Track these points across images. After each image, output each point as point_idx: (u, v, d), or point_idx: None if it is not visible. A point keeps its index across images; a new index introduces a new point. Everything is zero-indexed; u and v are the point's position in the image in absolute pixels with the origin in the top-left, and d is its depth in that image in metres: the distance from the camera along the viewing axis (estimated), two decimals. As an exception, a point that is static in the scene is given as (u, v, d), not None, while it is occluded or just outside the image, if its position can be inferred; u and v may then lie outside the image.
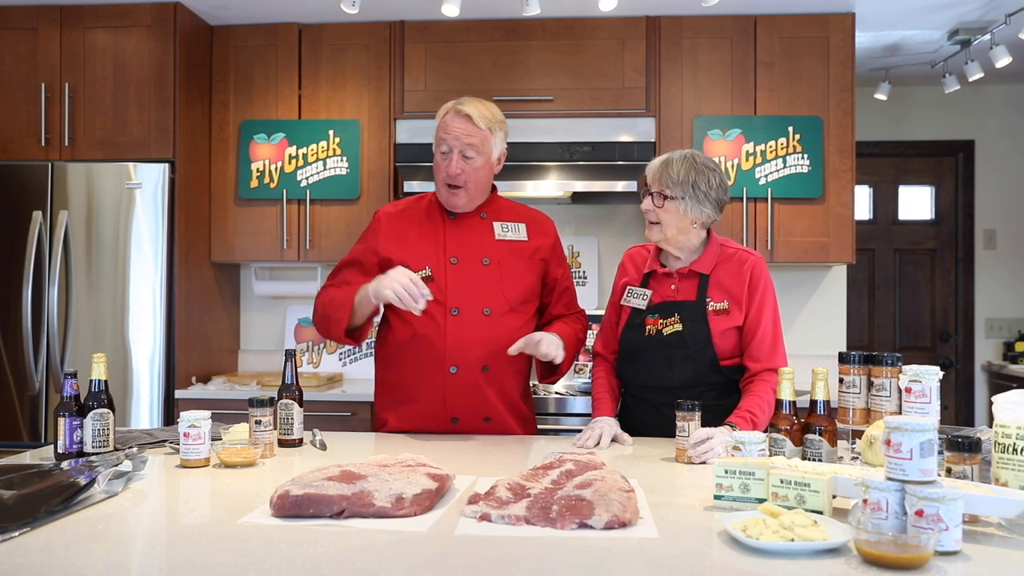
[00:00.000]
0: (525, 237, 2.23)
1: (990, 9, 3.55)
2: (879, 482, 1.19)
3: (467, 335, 2.11)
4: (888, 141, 4.89)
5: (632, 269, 2.26)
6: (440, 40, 3.65)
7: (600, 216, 3.99)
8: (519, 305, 2.17)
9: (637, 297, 2.19)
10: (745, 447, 1.59)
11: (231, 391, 3.42)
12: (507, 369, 2.15)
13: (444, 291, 2.13)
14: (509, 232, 2.22)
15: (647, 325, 2.13)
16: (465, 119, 2.12)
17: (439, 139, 2.14)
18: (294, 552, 1.16)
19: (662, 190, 2.10)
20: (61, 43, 3.47)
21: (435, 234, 2.19)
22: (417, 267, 2.13)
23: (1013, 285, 4.82)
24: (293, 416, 1.98)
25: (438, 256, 2.16)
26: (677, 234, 2.12)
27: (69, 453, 1.76)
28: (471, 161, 2.13)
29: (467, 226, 2.21)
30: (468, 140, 2.11)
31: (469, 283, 2.14)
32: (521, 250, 2.21)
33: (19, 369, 3.35)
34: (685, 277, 2.15)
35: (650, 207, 2.11)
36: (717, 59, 3.58)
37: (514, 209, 2.30)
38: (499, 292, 2.15)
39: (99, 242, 3.38)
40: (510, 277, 2.17)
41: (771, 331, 2.09)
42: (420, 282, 1.97)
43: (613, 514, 1.28)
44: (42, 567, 1.11)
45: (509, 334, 2.11)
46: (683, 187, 2.08)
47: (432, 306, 2.07)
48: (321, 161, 3.65)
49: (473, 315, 2.12)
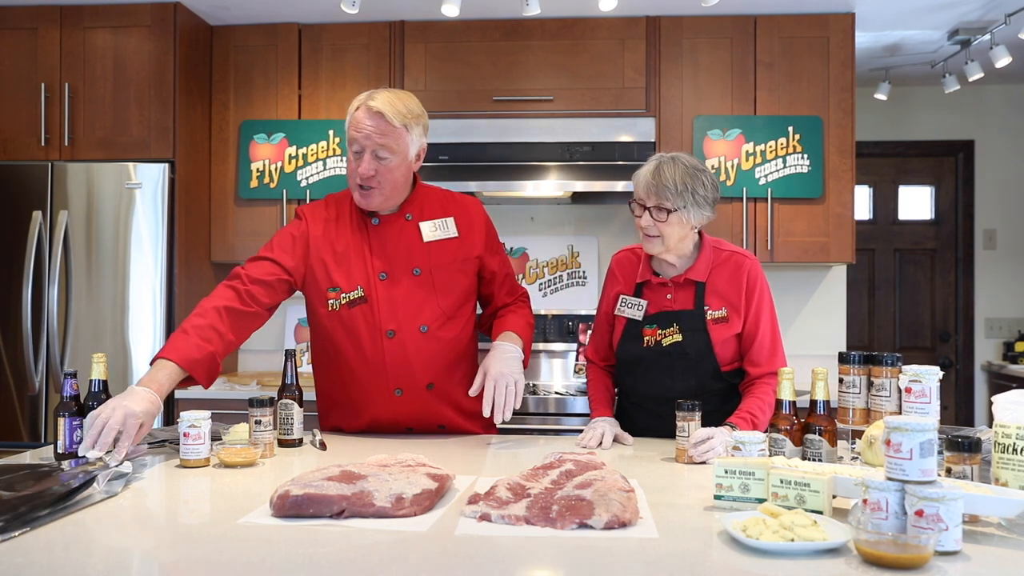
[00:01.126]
0: (455, 232, 2.09)
1: (990, 9, 3.55)
2: (879, 482, 1.19)
3: (407, 357, 2.03)
4: (888, 141, 4.89)
5: (622, 277, 2.19)
6: (440, 40, 3.65)
7: (600, 216, 3.99)
8: (455, 312, 2.08)
9: (632, 307, 2.12)
10: (745, 447, 1.59)
11: (231, 391, 3.42)
12: (452, 380, 2.09)
13: (377, 312, 2.02)
14: (438, 231, 2.08)
15: (645, 336, 2.09)
16: (377, 116, 1.94)
17: (350, 138, 1.98)
18: (294, 552, 1.16)
19: (660, 203, 2.00)
20: (61, 43, 3.47)
21: (361, 245, 2.06)
22: (348, 287, 2.03)
23: (1013, 285, 4.82)
24: (293, 416, 1.98)
25: (366, 272, 2.03)
26: (678, 242, 2.06)
27: (69, 453, 1.76)
28: (385, 161, 1.97)
29: (393, 232, 2.07)
30: (380, 140, 1.95)
31: (401, 300, 2.03)
32: (453, 250, 2.09)
33: (19, 369, 3.35)
34: (681, 285, 2.09)
35: (650, 223, 2.02)
36: (717, 59, 3.58)
37: (440, 201, 2.14)
38: (434, 304, 2.05)
39: (99, 242, 3.38)
40: (443, 285, 2.06)
41: (770, 335, 2.06)
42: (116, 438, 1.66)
43: (613, 514, 1.28)
44: (42, 567, 1.11)
45: (449, 346, 2.07)
46: (683, 196, 2.00)
47: (367, 328, 2.02)
48: (321, 161, 3.65)
49: (410, 335, 2.03)
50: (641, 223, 2.05)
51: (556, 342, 3.81)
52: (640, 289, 2.14)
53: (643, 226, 2.04)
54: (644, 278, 2.14)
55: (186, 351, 1.83)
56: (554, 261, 3.96)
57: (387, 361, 2.04)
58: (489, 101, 3.61)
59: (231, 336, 1.94)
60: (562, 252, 3.96)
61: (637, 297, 2.13)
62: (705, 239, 2.13)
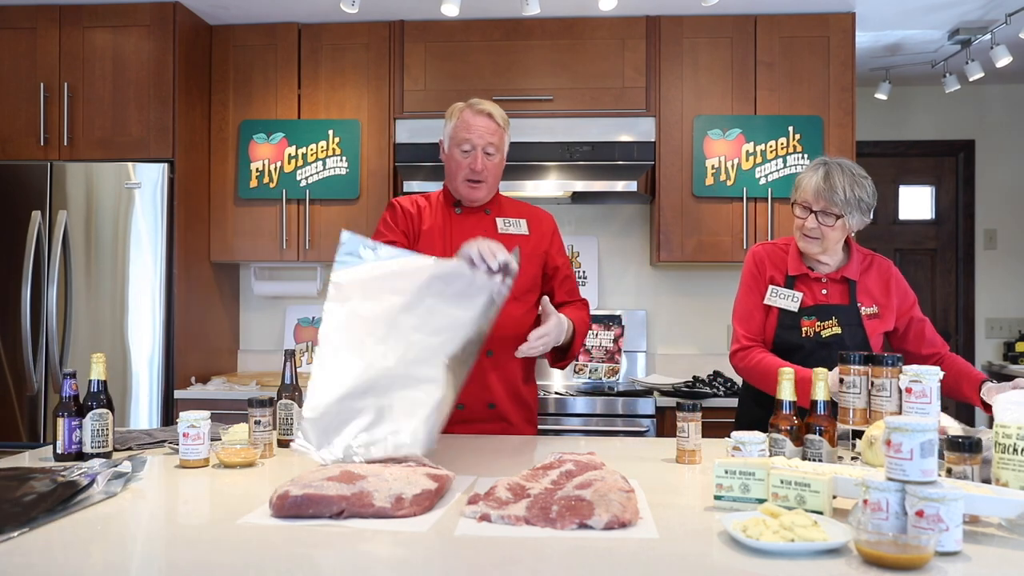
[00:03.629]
0: (526, 231, 2.30)
1: (990, 9, 3.54)
2: (879, 482, 1.19)
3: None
4: (888, 141, 4.89)
5: (773, 268, 2.27)
6: (440, 40, 3.65)
7: (600, 216, 3.99)
8: (522, 295, 2.22)
9: (785, 298, 2.21)
10: (745, 447, 1.59)
11: (230, 391, 3.42)
12: (510, 353, 2.17)
13: None
14: (511, 227, 2.29)
15: (803, 327, 2.19)
16: (487, 117, 2.22)
17: (460, 138, 2.21)
18: (293, 552, 1.16)
19: (828, 209, 2.13)
20: (60, 43, 3.47)
21: (443, 229, 2.27)
22: None
23: (1013, 285, 4.82)
24: (293, 416, 1.98)
25: (445, 250, 2.21)
26: (834, 244, 2.19)
27: (68, 454, 1.76)
28: (491, 157, 2.23)
29: (472, 221, 2.28)
30: (490, 138, 2.21)
31: None
32: (523, 243, 2.25)
33: (18, 369, 3.34)
34: (835, 282, 2.22)
35: (815, 225, 2.15)
36: (717, 59, 3.58)
37: (515, 206, 2.38)
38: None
39: (98, 242, 3.38)
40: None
41: (933, 328, 2.27)
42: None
43: (613, 514, 1.28)
44: (41, 567, 1.11)
45: (512, 321, 2.16)
46: (850, 203, 2.13)
47: None
48: (320, 161, 3.65)
49: None
50: (807, 224, 2.17)
51: (556, 342, 3.80)
52: (792, 282, 2.24)
53: (808, 228, 2.17)
54: (798, 271, 2.24)
55: None
56: (554, 261, 3.95)
57: None
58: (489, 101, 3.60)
59: None
60: (562, 252, 3.95)
61: (788, 289, 2.23)
62: (851, 241, 2.27)
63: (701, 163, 3.54)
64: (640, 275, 3.96)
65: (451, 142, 2.25)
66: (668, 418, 3.26)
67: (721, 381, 3.50)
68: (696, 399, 3.26)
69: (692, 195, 3.56)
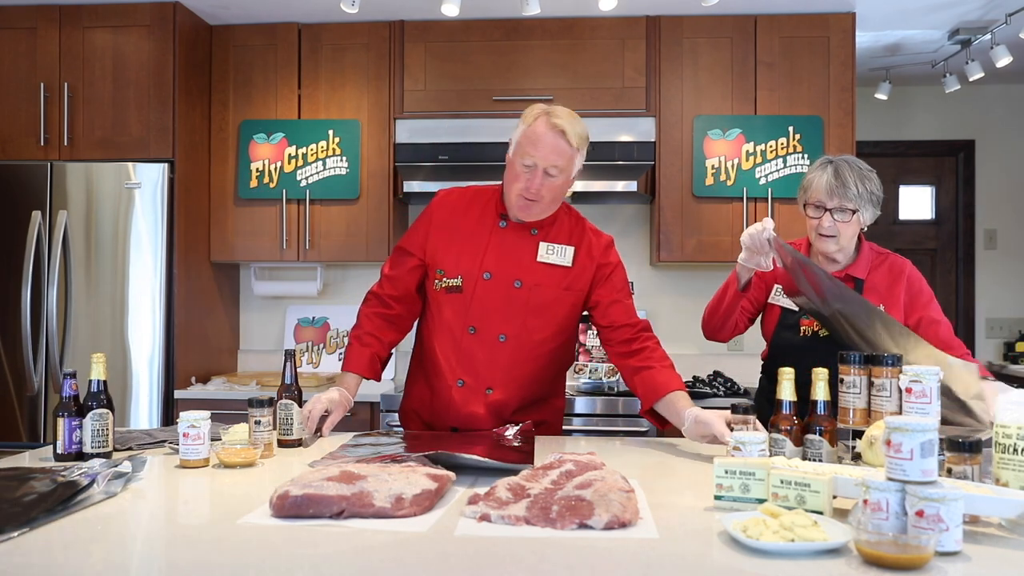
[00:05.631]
0: (569, 263, 2.08)
1: (990, 9, 3.54)
2: (879, 482, 1.19)
3: (476, 356, 2.07)
4: (888, 141, 4.88)
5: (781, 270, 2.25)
6: (440, 40, 3.65)
7: (600, 216, 3.98)
8: (543, 337, 2.08)
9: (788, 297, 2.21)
10: (745, 447, 1.59)
11: (230, 391, 3.42)
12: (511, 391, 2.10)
13: (468, 307, 2.07)
14: (553, 256, 2.08)
15: (802, 326, 2.18)
16: (559, 135, 1.96)
17: (524, 151, 1.98)
18: (293, 552, 1.16)
19: (843, 204, 2.12)
20: (60, 43, 3.47)
21: (479, 241, 2.09)
22: (451, 274, 2.09)
23: (1014, 285, 4.82)
24: (293, 416, 1.98)
25: (473, 267, 2.07)
26: (849, 241, 2.18)
27: (68, 454, 1.76)
28: (553, 179, 1.99)
29: (513, 239, 2.09)
30: (556, 160, 1.97)
31: (494, 305, 2.06)
32: (559, 277, 2.08)
33: (18, 369, 3.34)
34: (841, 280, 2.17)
35: (832, 223, 2.13)
36: (717, 59, 3.58)
37: (571, 228, 2.13)
38: (522, 320, 2.06)
39: (98, 242, 3.38)
40: (537, 305, 2.06)
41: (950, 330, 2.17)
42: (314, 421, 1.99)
43: (613, 514, 1.28)
44: (41, 567, 1.11)
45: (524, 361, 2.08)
46: (862, 197, 2.12)
47: (454, 318, 2.08)
48: (321, 161, 3.65)
49: (489, 339, 2.06)
50: (823, 223, 2.15)
51: (556, 342, 3.80)
52: None
53: (825, 227, 2.15)
54: None
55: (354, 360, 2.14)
56: (554, 261, 3.95)
57: (461, 355, 2.08)
58: (489, 101, 3.61)
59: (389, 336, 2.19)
60: (562, 252, 3.95)
61: None
62: (863, 240, 2.25)
63: (701, 163, 3.54)
64: (640, 275, 3.96)
65: (515, 149, 2.01)
66: (668, 418, 3.26)
67: (721, 381, 3.49)
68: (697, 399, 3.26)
69: (692, 195, 3.56)
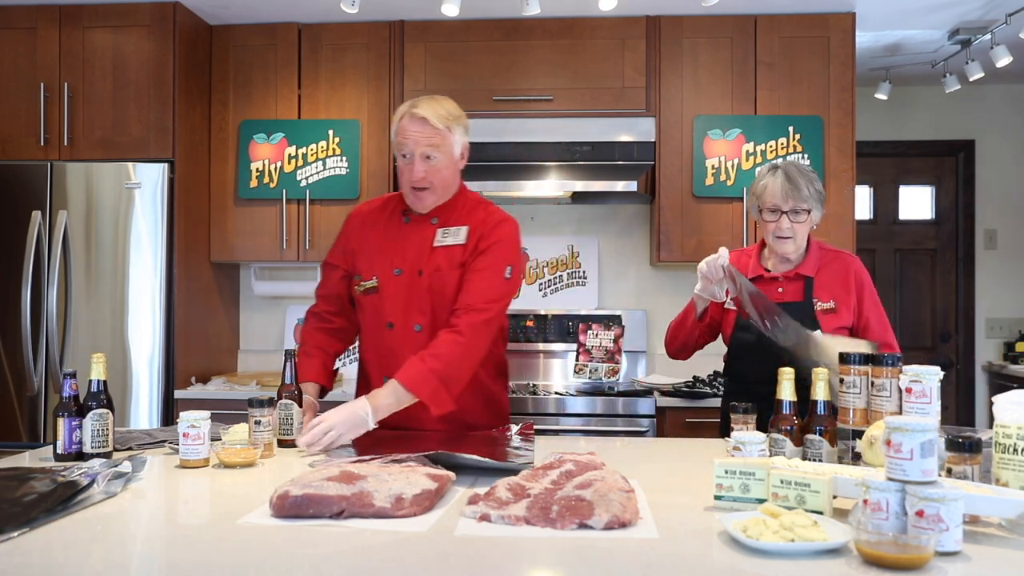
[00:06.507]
0: (463, 241, 2.14)
1: (990, 9, 3.54)
2: (879, 482, 1.19)
3: (398, 350, 2.10)
4: (888, 141, 4.88)
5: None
6: (440, 40, 3.65)
7: (600, 216, 3.99)
8: (449, 318, 2.08)
9: None
10: (745, 447, 1.59)
11: (231, 391, 3.42)
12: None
13: (383, 304, 2.15)
14: (448, 238, 2.14)
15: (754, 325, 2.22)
16: (421, 122, 2.08)
17: (399, 144, 2.11)
18: (293, 552, 1.16)
19: (798, 206, 2.21)
20: (60, 43, 3.47)
21: (388, 241, 2.19)
22: (367, 276, 2.18)
23: (1013, 285, 4.82)
24: (293, 416, 1.98)
25: (384, 266, 2.17)
26: (803, 240, 2.27)
27: (68, 454, 1.76)
28: (434, 161, 2.09)
29: (416, 233, 2.18)
30: (428, 142, 2.08)
31: (404, 297, 2.14)
32: (456, 257, 2.13)
33: (18, 369, 3.34)
34: (791, 280, 2.28)
35: (789, 225, 2.22)
36: (717, 59, 3.58)
37: (469, 210, 2.19)
38: (430, 307, 2.12)
39: (98, 242, 3.37)
40: (439, 290, 2.11)
41: (878, 320, 2.25)
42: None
43: (613, 514, 1.28)
44: (41, 567, 1.11)
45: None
46: (813, 197, 2.22)
47: (373, 317, 2.17)
48: (321, 161, 3.65)
49: (406, 331, 2.13)
50: (781, 226, 2.23)
51: (556, 342, 3.81)
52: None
53: (783, 229, 2.23)
54: (756, 273, 2.31)
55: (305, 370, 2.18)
56: (554, 261, 3.95)
57: (383, 351, 2.16)
58: (489, 101, 3.61)
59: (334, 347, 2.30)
60: (562, 252, 3.96)
61: None
62: (811, 239, 2.33)
63: (701, 163, 3.54)
64: (640, 275, 3.96)
65: (394, 149, 2.15)
66: (668, 418, 3.26)
67: (721, 381, 3.49)
68: (697, 399, 3.27)
69: (692, 195, 3.56)
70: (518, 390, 3.48)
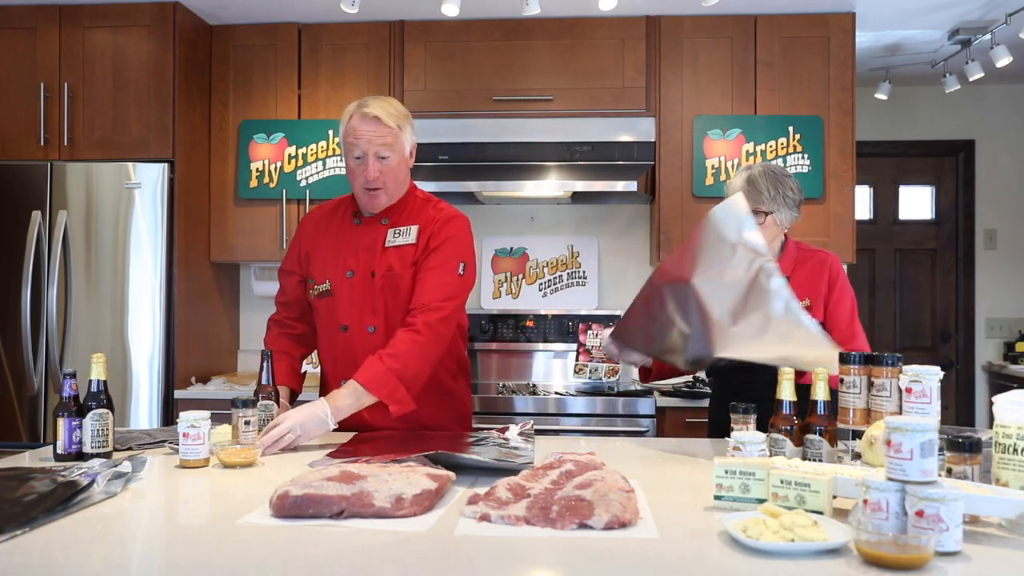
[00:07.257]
0: (413, 240, 2.13)
1: (991, 9, 3.54)
2: (879, 482, 1.19)
3: (355, 353, 2.10)
4: (888, 141, 4.89)
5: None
6: (440, 40, 3.65)
7: (600, 216, 3.98)
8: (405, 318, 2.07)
9: None
10: (745, 447, 1.59)
11: (231, 391, 3.42)
12: None
13: (336, 307, 2.16)
14: (399, 238, 2.14)
15: None
16: (374, 121, 2.07)
17: (350, 144, 2.09)
18: (293, 552, 1.16)
19: (757, 208, 2.21)
20: (60, 43, 3.47)
21: (340, 244, 2.19)
22: (320, 280, 2.19)
23: (1014, 285, 4.82)
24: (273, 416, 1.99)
25: (337, 269, 2.16)
26: (770, 243, 2.23)
27: (68, 454, 1.76)
28: (387, 161, 2.10)
29: (368, 234, 2.17)
30: (381, 142, 2.08)
31: (358, 299, 2.14)
32: (408, 256, 2.12)
33: (18, 369, 3.34)
34: None
35: None
36: (717, 59, 3.58)
37: (420, 209, 2.19)
38: (384, 308, 2.12)
39: (98, 242, 3.37)
40: (392, 290, 2.12)
41: (847, 317, 2.23)
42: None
43: (613, 514, 1.28)
44: (41, 567, 1.11)
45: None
46: (775, 200, 2.23)
47: (328, 320, 2.18)
48: (321, 161, 3.65)
49: (360, 333, 2.14)
50: None
51: (556, 342, 3.81)
52: None
53: None
54: None
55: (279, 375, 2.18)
56: (554, 261, 3.95)
57: (338, 354, 2.17)
58: (489, 101, 3.61)
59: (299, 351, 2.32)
60: (562, 252, 3.96)
61: None
62: (789, 240, 2.35)
63: (701, 163, 3.54)
64: (640, 275, 3.96)
65: (345, 151, 2.13)
66: (668, 418, 3.26)
67: (721, 381, 3.49)
68: (697, 399, 3.27)
69: (692, 195, 3.56)
70: (518, 390, 3.49)
